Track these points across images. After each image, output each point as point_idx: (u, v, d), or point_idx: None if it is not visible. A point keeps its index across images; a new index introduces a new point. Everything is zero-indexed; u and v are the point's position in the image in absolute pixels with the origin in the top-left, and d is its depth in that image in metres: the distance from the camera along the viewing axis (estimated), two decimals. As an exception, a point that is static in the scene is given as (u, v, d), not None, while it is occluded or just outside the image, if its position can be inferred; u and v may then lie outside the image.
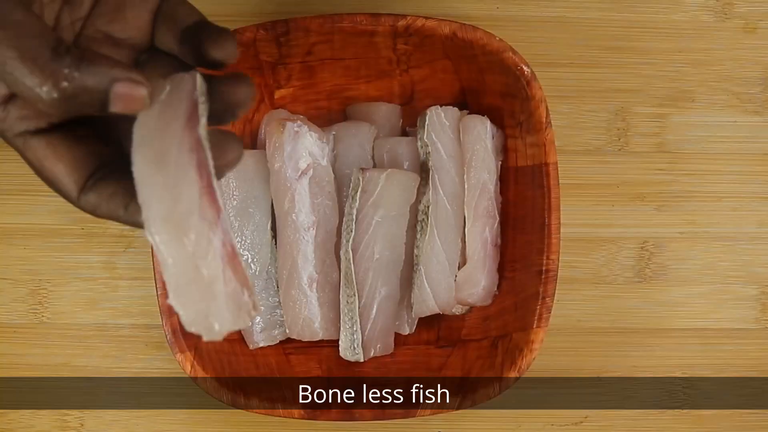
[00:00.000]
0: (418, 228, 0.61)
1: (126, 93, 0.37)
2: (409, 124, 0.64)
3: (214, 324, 0.37)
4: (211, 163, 0.38)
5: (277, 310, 0.62)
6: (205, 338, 0.37)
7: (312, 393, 0.60)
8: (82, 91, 0.37)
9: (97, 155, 0.43)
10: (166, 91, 0.40)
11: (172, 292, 0.37)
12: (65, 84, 0.36)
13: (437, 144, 0.61)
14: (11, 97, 0.40)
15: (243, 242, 0.61)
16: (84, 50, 0.38)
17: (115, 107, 0.37)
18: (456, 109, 0.62)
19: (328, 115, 0.64)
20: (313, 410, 0.58)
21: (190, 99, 0.39)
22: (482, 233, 0.62)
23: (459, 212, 0.62)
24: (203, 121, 0.39)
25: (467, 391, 0.58)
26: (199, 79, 0.40)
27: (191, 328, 0.37)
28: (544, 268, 0.58)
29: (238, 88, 0.41)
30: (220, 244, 0.37)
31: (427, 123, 0.61)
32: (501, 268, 0.63)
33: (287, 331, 0.61)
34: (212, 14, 0.63)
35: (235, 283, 0.38)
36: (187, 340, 0.58)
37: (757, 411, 0.66)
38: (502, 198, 0.62)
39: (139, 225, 0.40)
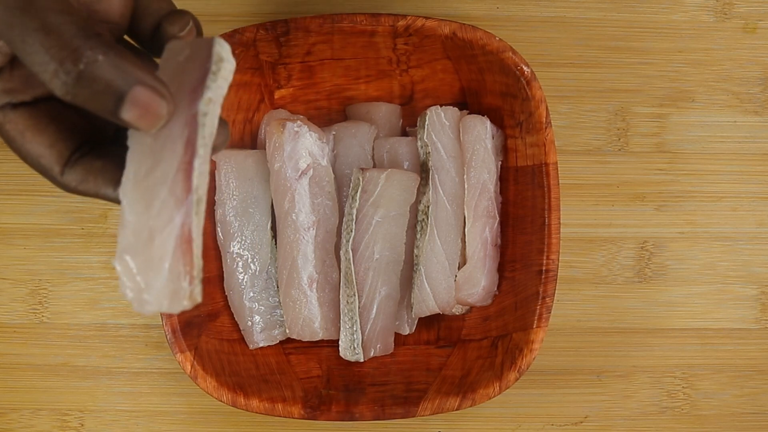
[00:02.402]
0: (418, 228, 0.61)
1: (145, 101, 0.35)
2: (409, 124, 0.64)
3: (147, 299, 0.37)
4: (200, 142, 0.37)
5: (277, 310, 0.62)
6: (134, 309, 0.37)
7: (312, 393, 0.60)
8: (98, 80, 0.35)
9: (82, 130, 0.42)
10: (185, 54, 0.39)
11: (119, 253, 0.37)
12: (82, 67, 0.35)
13: (437, 144, 0.61)
14: None
15: (243, 242, 0.61)
16: (115, 43, 0.36)
17: (127, 113, 0.35)
18: (456, 109, 0.62)
19: (328, 115, 0.64)
20: (313, 410, 0.58)
21: (201, 68, 0.38)
22: (482, 233, 0.62)
23: (459, 212, 0.62)
24: (207, 95, 0.37)
25: (467, 391, 0.58)
26: (217, 45, 0.38)
27: (126, 294, 0.37)
28: (544, 268, 0.58)
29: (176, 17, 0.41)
30: (179, 224, 0.37)
31: (427, 123, 0.61)
32: (501, 268, 0.63)
33: (287, 331, 0.61)
34: (212, 14, 0.64)
35: (181, 267, 0.37)
36: (187, 340, 0.58)
37: (757, 411, 0.66)
38: (502, 198, 0.63)
39: None
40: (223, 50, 0.38)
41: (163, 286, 0.37)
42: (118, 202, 0.39)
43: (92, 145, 0.42)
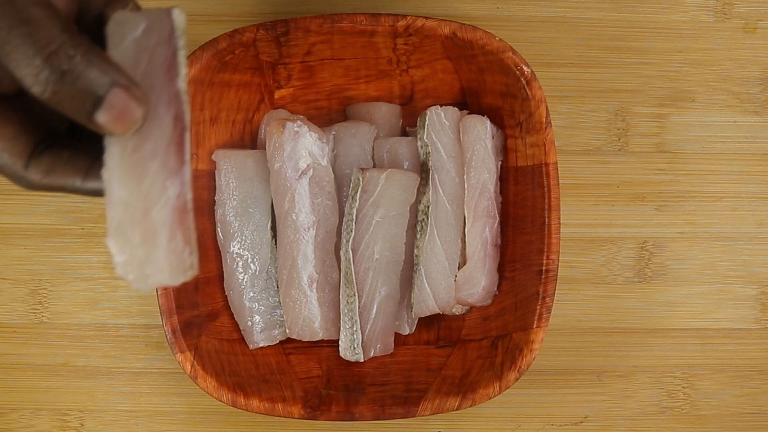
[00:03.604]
0: (418, 228, 0.61)
1: (121, 104, 0.35)
2: (409, 124, 0.64)
3: (148, 274, 0.36)
4: (188, 117, 0.37)
5: (277, 310, 0.62)
6: (133, 287, 0.36)
7: (312, 393, 0.60)
8: (81, 80, 0.34)
9: (46, 122, 0.40)
10: (142, 28, 0.38)
11: (113, 231, 0.36)
12: (66, 66, 0.34)
13: (437, 144, 0.61)
14: None
15: (243, 242, 0.61)
16: (89, 40, 0.35)
17: (103, 116, 0.35)
18: (456, 109, 0.62)
19: (328, 115, 0.64)
20: (313, 410, 0.58)
21: (169, 46, 0.37)
22: (482, 233, 0.62)
23: (459, 212, 0.62)
24: (183, 72, 0.37)
25: (467, 391, 0.58)
26: (176, 17, 0.38)
27: (121, 272, 0.36)
28: (544, 268, 0.58)
29: None
30: (174, 195, 0.36)
31: (427, 123, 0.61)
32: (501, 268, 0.63)
33: (287, 331, 0.61)
34: (212, 14, 0.64)
35: (180, 237, 0.36)
36: (187, 340, 0.58)
37: (757, 411, 0.66)
38: (502, 198, 0.63)
39: (96, 193, 0.39)
40: (182, 21, 0.38)
41: (163, 259, 0.36)
42: (85, 193, 0.39)
43: (54, 138, 0.40)
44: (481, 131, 0.61)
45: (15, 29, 0.34)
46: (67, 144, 0.40)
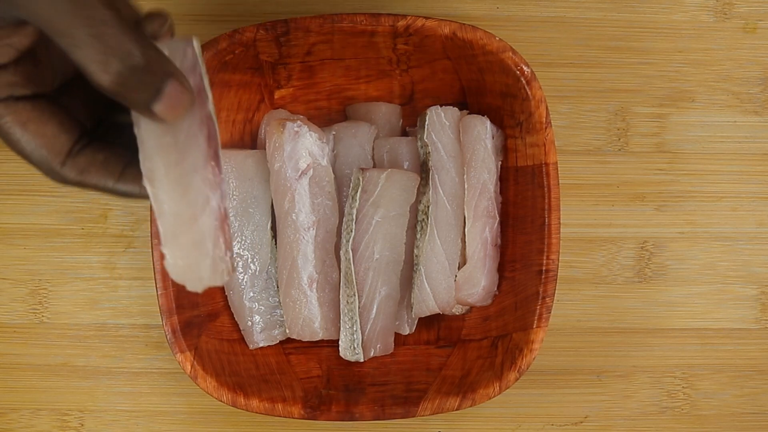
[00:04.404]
0: (418, 228, 0.61)
1: (176, 94, 0.39)
2: (409, 124, 0.64)
3: (200, 276, 0.41)
4: (218, 136, 0.41)
5: (277, 310, 0.62)
6: (188, 288, 0.41)
7: (312, 393, 0.60)
8: (149, 73, 0.38)
9: (81, 123, 0.43)
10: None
11: (166, 240, 0.41)
12: (137, 60, 0.38)
13: (437, 144, 0.61)
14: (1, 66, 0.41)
15: (243, 242, 0.61)
16: (151, 41, 0.40)
17: (160, 105, 0.39)
18: (456, 109, 0.62)
19: (328, 115, 0.64)
20: (313, 410, 0.58)
21: (195, 74, 0.41)
22: (482, 233, 0.62)
23: (459, 212, 0.62)
24: (210, 96, 0.41)
25: (467, 391, 0.58)
26: (197, 47, 0.41)
27: (178, 278, 0.41)
28: (544, 268, 0.58)
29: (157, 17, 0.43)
30: (217, 206, 0.41)
31: (427, 123, 0.61)
32: (501, 268, 0.63)
33: (287, 331, 0.61)
34: (212, 14, 0.64)
35: (222, 242, 0.41)
36: (187, 340, 0.58)
37: (757, 411, 0.66)
38: (502, 198, 0.63)
39: (128, 195, 0.42)
40: (199, 49, 0.42)
41: (210, 262, 0.41)
42: (117, 194, 0.43)
43: (89, 139, 0.43)
44: (481, 131, 0.61)
45: (87, 29, 0.37)
46: (102, 146, 0.43)
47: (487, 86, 0.61)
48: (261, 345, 0.62)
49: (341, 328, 0.60)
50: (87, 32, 0.37)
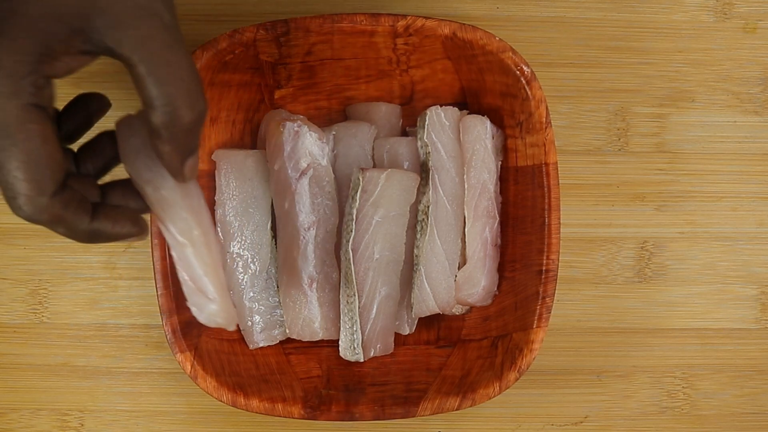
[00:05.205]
0: (418, 228, 0.61)
1: (195, 165, 0.45)
2: (409, 124, 0.64)
3: (219, 321, 0.49)
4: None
5: (277, 310, 0.62)
6: (224, 328, 0.50)
7: (312, 393, 0.60)
8: (189, 139, 0.44)
9: (68, 162, 0.46)
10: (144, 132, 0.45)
11: (190, 302, 0.49)
12: (205, 112, 0.44)
13: (437, 144, 0.61)
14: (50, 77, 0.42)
15: (243, 242, 0.61)
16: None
17: (190, 163, 0.45)
18: (456, 109, 0.62)
19: (328, 115, 0.64)
20: (313, 410, 0.58)
21: None
22: (482, 233, 0.62)
23: (459, 212, 0.62)
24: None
25: (467, 391, 0.58)
26: None
27: (207, 323, 0.49)
28: (544, 268, 0.58)
29: (93, 99, 0.47)
30: (219, 280, 0.49)
31: (427, 123, 0.61)
32: (501, 268, 0.63)
33: (287, 331, 0.61)
34: (212, 14, 0.64)
35: (227, 298, 0.49)
36: (187, 340, 0.58)
37: (757, 411, 0.66)
38: (502, 198, 0.63)
39: (94, 235, 0.45)
40: None
41: (218, 311, 0.49)
42: (86, 233, 0.45)
43: (77, 178, 0.47)
44: (481, 131, 0.61)
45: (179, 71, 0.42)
46: (80, 185, 0.45)
47: (487, 86, 0.61)
48: (261, 345, 0.62)
49: (341, 328, 0.60)
50: (176, 74, 0.42)
